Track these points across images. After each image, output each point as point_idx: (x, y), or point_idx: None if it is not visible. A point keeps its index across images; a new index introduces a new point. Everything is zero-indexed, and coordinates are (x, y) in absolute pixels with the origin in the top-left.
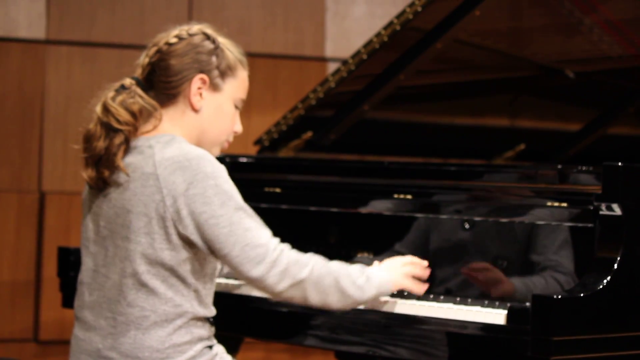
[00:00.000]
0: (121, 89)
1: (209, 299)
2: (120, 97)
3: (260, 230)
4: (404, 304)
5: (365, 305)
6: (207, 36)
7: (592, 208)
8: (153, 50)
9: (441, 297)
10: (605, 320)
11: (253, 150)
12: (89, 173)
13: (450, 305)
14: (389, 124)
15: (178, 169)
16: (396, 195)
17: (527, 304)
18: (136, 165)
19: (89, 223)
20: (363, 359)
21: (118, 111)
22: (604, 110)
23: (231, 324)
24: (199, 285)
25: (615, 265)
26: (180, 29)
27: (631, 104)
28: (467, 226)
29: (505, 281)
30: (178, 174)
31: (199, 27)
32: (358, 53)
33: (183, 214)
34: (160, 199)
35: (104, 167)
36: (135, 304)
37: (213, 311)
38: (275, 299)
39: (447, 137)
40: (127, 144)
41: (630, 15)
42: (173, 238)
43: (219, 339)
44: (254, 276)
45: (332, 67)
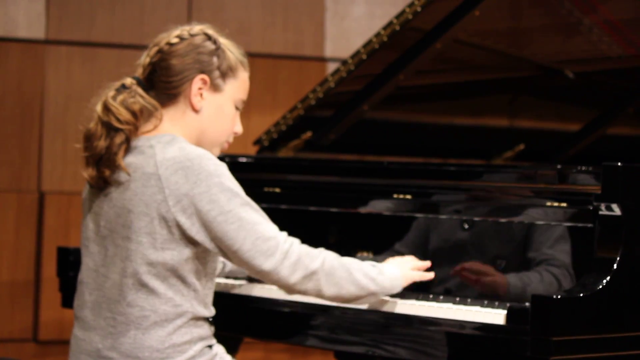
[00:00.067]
0: (122, 89)
1: (208, 299)
2: (121, 97)
3: (268, 224)
4: (404, 304)
5: (375, 300)
6: (209, 37)
7: (592, 208)
8: (154, 50)
9: (440, 297)
10: (604, 321)
11: (252, 150)
12: (89, 172)
13: (450, 305)
14: (388, 124)
15: (180, 169)
16: (396, 195)
17: (527, 304)
18: (137, 165)
19: (89, 223)
20: (362, 358)
21: (119, 110)
22: (604, 110)
23: (231, 324)
24: (199, 285)
25: (615, 266)
26: (182, 29)
27: (631, 104)
28: (467, 226)
29: (498, 278)
30: (180, 174)
31: (201, 28)
32: (357, 53)
33: (188, 213)
34: (162, 199)
35: (104, 167)
36: (135, 303)
37: (213, 311)
38: (290, 294)
39: (447, 137)
40: (128, 144)
41: (630, 15)
42: (175, 238)
43: (219, 339)
44: (266, 269)
45: (332, 67)
